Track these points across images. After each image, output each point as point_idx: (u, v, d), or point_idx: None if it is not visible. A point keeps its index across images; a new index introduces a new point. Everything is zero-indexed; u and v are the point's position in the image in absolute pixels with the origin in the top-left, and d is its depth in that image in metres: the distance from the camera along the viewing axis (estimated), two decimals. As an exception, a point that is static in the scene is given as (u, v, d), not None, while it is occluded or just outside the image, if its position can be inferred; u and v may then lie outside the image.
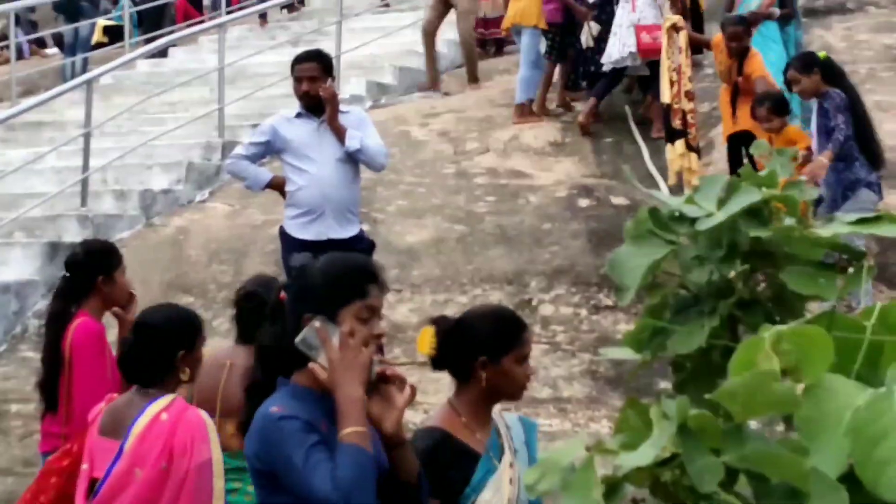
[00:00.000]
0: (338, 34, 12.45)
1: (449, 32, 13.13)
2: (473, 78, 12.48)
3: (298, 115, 6.71)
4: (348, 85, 12.13)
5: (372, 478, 2.67)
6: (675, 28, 9.28)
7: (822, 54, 8.25)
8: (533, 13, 11.01)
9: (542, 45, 11.09)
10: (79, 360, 4.84)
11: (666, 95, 9.20)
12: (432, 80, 12.55)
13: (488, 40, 13.95)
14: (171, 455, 3.74)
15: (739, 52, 8.99)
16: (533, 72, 11.19)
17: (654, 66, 9.76)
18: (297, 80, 6.71)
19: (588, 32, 10.62)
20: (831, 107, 7.61)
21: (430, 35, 12.41)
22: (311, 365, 2.75)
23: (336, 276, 2.87)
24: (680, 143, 9.09)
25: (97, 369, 4.82)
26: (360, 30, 13.70)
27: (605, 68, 10.48)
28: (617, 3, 10.45)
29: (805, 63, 8.02)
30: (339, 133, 6.57)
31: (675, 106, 9.13)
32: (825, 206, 7.43)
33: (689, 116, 9.17)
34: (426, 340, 3.32)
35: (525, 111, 11.07)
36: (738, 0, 10.02)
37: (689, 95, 9.25)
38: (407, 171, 10.19)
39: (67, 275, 5.09)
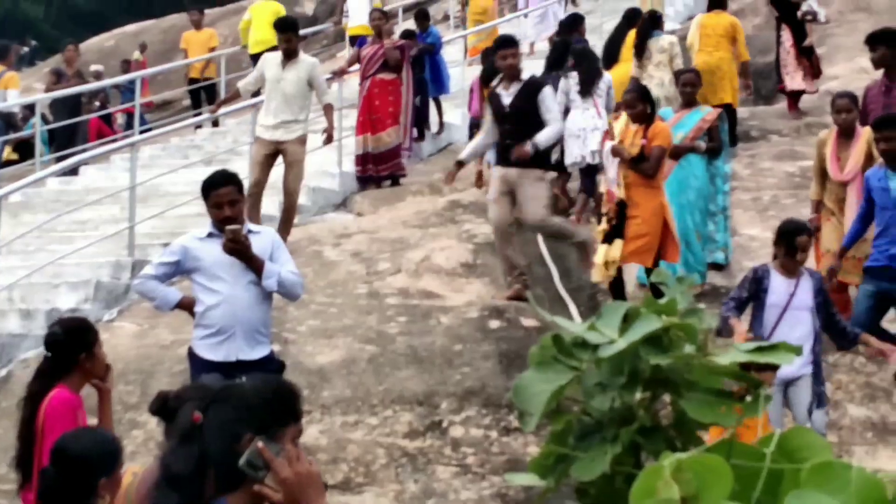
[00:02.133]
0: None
1: (328, 164, 13.63)
2: (286, 231, 10.98)
3: (210, 235, 6.65)
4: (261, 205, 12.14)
5: None
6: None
7: None
8: None
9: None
10: (50, 430, 4.90)
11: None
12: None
13: (381, 176, 13.78)
14: None
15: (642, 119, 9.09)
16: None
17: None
18: (217, 205, 6.58)
19: None
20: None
21: (256, 197, 11.19)
22: (258, 486, 2.72)
23: (276, 398, 2.88)
24: (616, 246, 9.00)
25: None
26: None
27: (570, 168, 11.80)
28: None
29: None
30: (257, 270, 6.52)
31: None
32: None
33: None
34: None
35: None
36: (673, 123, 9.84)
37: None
38: (319, 291, 10.18)
39: (49, 355, 5.24)
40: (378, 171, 13.68)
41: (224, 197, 6.55)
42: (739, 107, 13.42)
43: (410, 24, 17.37)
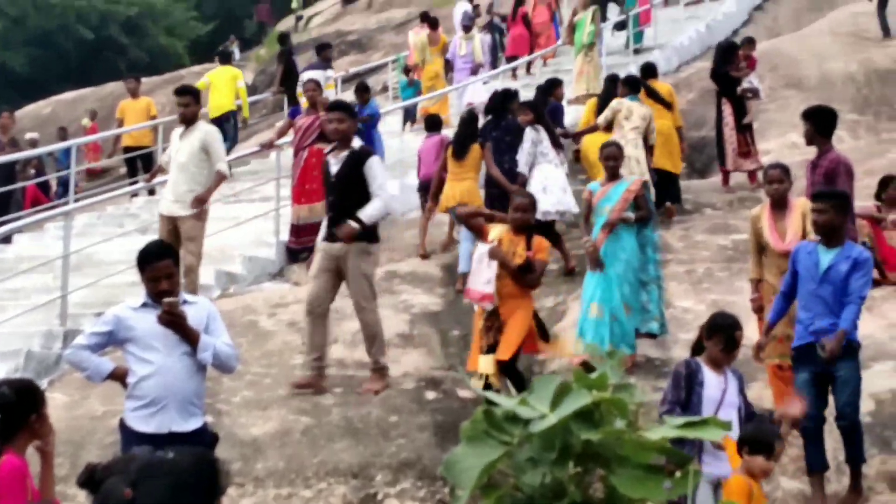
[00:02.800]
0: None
1: (264, 234, 13.63)
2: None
3: (144, 305, 6.57)
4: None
5: None
6: None
7: None
8: (476, 194, 12.30)
9: None
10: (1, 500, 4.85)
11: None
12: None
13: (307, 248, 13.31)
14: None
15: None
16: (469, 243, 11.62)
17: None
18: (153, 279, 6.49)
19: None
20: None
21: None
22: None
23: (204, 474, 2.87)
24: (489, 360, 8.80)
25: None
26: (211, 219, 13.71)
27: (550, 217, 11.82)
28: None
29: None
30: (192, 342, 6.46)
31: None
32: None
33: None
34: None
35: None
36: (596, 201, 9.88)
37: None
38: (254, 361, 10.10)
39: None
40: (309, 242, 13.14)
41: (161, 271, 6.49)
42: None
43: (350, 97, 17.47)
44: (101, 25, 45.25)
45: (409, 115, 20.47)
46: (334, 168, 9.37)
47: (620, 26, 24.27)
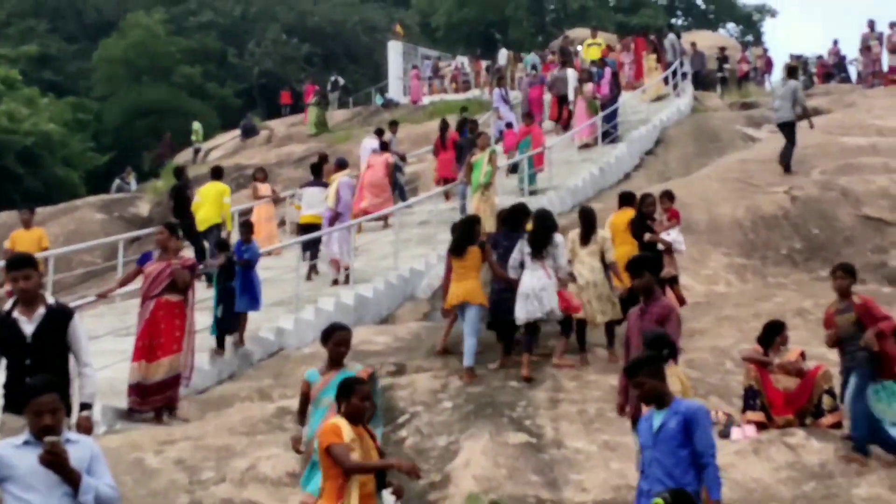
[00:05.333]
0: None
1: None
2: None
3: (26, 443, 6.40)
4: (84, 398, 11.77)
5: None
6: None
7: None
8: (479, 293, 13.18)
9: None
10: None
11: None
12: None
13: (155, 409, 12.41)
14: None
15: None
16: (476, 339, 13.11)
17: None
18: (37, 413, 6.31)
19: None
20: None
21: None
22: None
23: None
24: None
25: None
26: (98, 353, 13.45)
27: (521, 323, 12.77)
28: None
29: None
30: (73, 483, 6.29)
31: None
32: None
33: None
34: None
35: (472, 373, 12.89)
36: (316, 393, 8.83)
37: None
38: (138, 500, 9.85)
39: None
40: (151, 402, 12.31)
41: (45, 405, 6.35)
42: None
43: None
44: (-3, 154, 44.84)
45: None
46: (28, 328, 8.07)
47: (514, 168, 24.75)
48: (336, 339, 8.74)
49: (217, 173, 20.75)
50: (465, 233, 13.60)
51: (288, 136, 42.20)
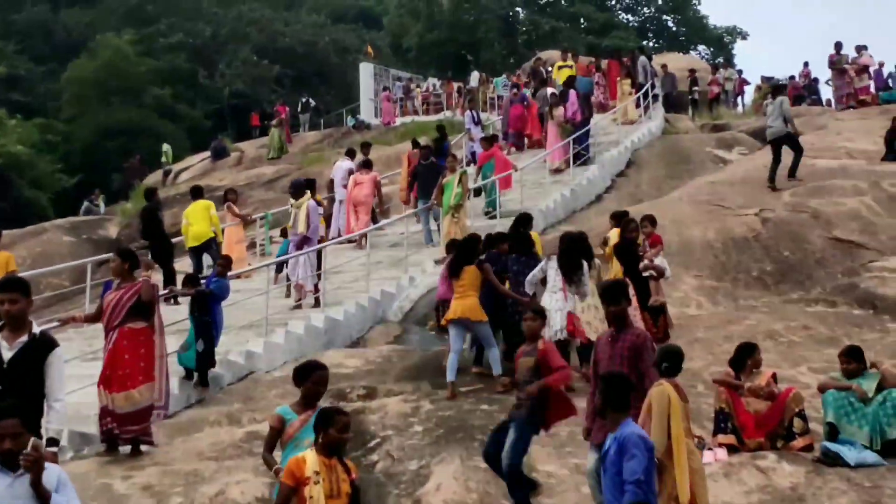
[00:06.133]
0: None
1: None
2: None
3: (-10, 469, 6.33)
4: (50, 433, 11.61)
5: None
6: None
7: None
8: (479, 310, 13.54)
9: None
10: None
11: None
12: None
13: (125, 438, 11.75)
14: None
15: None
16: (497, 349, 13.69)
17: None
18: None
19: None
20: None
21: None
22: None
23: None
24: None
25: None
26: (66, 377, 13.32)
27: None
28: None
29: None
30: (44, 499, 6.23)
31: None
32: None
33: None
34: None
35: (506, 383, 12.95)
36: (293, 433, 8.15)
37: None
38: (105, 527, 9.74)
39: None
40: (122, 430, 11.59)
41: (5, 430, 6.30)
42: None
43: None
44: (-37, 177, 44.62)
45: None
46: (6, 354, 7.86)
47: (479, 192, 24.70)
48: (315, 378, 8.10)
49: (197, 192, 20.99)
50: (461, 253, 13.98)
51: (258, 157, 42.14)
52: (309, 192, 19.23)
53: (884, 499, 9.25)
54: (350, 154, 25.39)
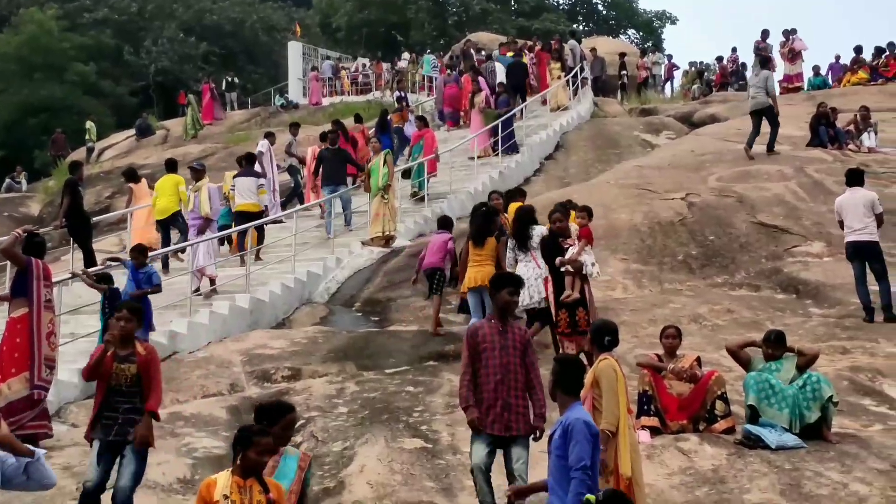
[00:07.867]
0: None
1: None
2: None
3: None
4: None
5: None
6: None
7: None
8: None
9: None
10: None
11: None
12: None
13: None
14: None
15: None
16: None
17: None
18: None
19: None
20: None
21: None
22: None
23: None
24: None
25: None
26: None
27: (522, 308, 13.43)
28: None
29: None
30: None
31: None
32: None
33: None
34: None
35: None
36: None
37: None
38: (22, 509, 9.56)
39: None
40: (27, 427, 10.89)
41: None
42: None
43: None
44: None
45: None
46: None
47: (407, 174, 24.62)
48: (285, 422, 7.39)
49: (171, 166, 20.98)
50: (483, 224, 14.52)
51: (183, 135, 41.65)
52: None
53: (803, 481, 9.35)
54: (268, 136, 24.79)
